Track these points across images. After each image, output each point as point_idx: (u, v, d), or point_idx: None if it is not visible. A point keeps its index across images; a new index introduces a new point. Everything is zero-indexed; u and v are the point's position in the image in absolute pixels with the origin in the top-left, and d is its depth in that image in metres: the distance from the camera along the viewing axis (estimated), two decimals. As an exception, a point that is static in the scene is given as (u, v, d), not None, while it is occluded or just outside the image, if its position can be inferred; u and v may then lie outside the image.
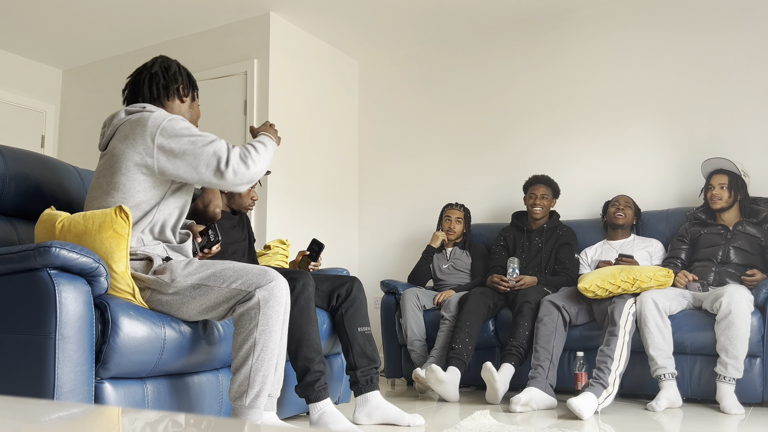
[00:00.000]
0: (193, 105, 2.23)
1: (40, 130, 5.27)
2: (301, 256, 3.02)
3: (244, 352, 1.87)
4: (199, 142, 1.96)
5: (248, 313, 1.88)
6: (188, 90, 2.20)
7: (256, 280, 1.89)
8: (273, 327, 1.88)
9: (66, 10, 4.40)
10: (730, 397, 2.84)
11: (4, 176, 2.20)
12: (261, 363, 1.87)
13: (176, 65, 2.20)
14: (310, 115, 4.70)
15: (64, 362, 1.65)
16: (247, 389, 1.87)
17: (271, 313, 1.88)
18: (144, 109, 2.05)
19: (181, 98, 2.18)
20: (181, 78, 2.17)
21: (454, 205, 4.18)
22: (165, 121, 1.96)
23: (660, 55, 4.14)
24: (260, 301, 1.87)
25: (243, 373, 1.87)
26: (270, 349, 1.88)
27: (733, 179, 3.39)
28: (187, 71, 2.23)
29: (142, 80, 2.14)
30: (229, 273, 1.92)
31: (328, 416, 2.29)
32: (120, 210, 1.86)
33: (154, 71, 2.14)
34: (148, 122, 1.96)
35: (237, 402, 1.89)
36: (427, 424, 2.58)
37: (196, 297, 1.91)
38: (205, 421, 0.75)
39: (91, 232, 1.85)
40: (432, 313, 3.74)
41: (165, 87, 2.14)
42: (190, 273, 1.93)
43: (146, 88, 2.13)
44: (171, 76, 2.15)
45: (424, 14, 4.46)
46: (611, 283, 3.10)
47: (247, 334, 1.87)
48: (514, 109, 4.60)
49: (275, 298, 1.89)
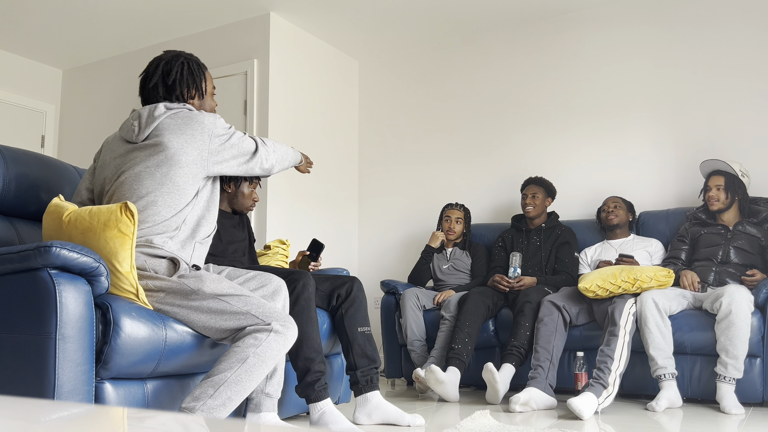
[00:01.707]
0: (204, 101, 2.22)
1: (40, 130, 5.27)
2: (301, 256, 3.02)
3: (228, 362, 1.82)
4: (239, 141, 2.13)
5: (256, 335, 1.85)
6: (193, 90, 2.18)
7: (276, 316, 1.90)
8: (268, 361, 1.85)
9: (66, 10, 4.40)
10: (730, 397, 2.84)
11: (4, 176, 2.20)
12: (236, 384, 1.80)
13: (179, 68, 2.16)
14: (310, 115, 4.70)
15: (65, 362, 1.65)
16: (207, 398, 1.78)
17: (275, 345, 1.86)
18: (183, 106, 2.10)
19: (186, 100, 2.18)
20: (182, 82, 2.15)
21: (454, 205, 4.18)
22: (215, 122, 2.08)
23: (660, 55, 4.14)
24: (273, 331, 1.86)
25: (215, 381, 1.80)
26: (254, 379, 1.83)
27: (729, 180, 3.39)
28: (192, 68, 2.19)
29: (147, 92, 2.16)
30: (253, 300, 1.92)
31: (329, 416, 2.29)
32: (125, 208, 1.85)
33: (153, 84, 2.14)
34: (205, 122, 2.05)
35: (187, 403, 1.80)
36: (427, 424, 2.58)
37: (211, 310, 1.90)
38: (205, 421, 0.75)
39: (96, 230, 1.84)
40: (432, 313, 3.74)
41: (165, 98, 2.14)
42: (218, 287, 1.92)
43: (153, 97, 2.15)
44: (171, 85, 2.14)
45: (424, 14, 4.46)
46: (612, 283, 3.10)
47: (243, 350, 1.83)
48: (514, 109, 4.60)
49: (286, 338, 1.88)
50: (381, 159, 5.09)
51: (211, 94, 2.25)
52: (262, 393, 2.13)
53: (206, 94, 2.23)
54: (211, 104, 2.25)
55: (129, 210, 1.85)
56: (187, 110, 2.08)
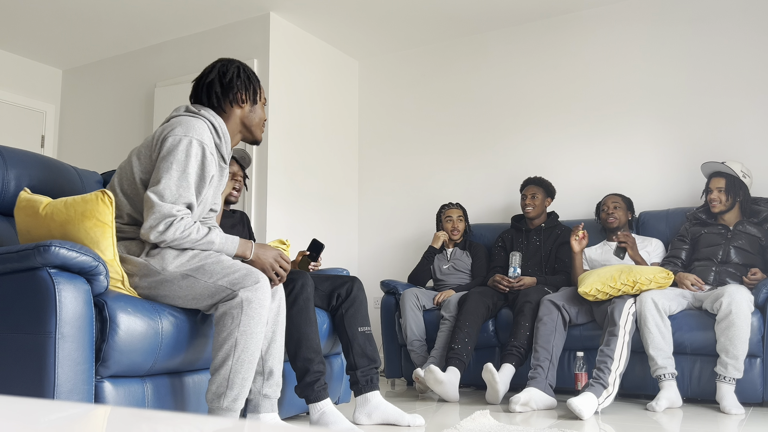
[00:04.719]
0: (255, 108, 2.21)
1: (40, 130, 5.27)
2: (301, 256, 3.02)
3: (224, 352, 1.87)
4: (177, 182, 1.96)
5: (230, 312, 1.88)
6: (247, 95, 2.18)
7: (242, 280, 1.89)
8: (254, 329, 1.88)
9: (66, 10, 4.40)
10: (730, 397, 2.84)
11: (4, 176, 2.20)
12: (241, 365, 1.86)
13: (235, 70, 2.18)
14: (310, 115, 4.70)
15: (64, 361, 1.65)
16: (225, 391, 1.86)
17: (253, 314, 1.87)
18: (193, 113, 2.09)
19: (240, 104, 2.17)
20: (239, 84, 2.16)
21: (452, 205, 4.19)
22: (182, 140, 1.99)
23: (660, 55, 4.14)
24: (243, 301, 1.87)
25: (222, 374, 1.86)
26: (250, 351, 1.88)
27: (730, 182, 3.40)
28: (248, 74, 2.21)
29: (200, 88, 2.17)
30: (217, 268, 1.92)
31: (328, 416, 2.29)
32: (103, 194, 1.87)
33: (210, 80, 2.15)
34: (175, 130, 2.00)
35: (214, 404, 1.87)
36: (427, 424, 2.58)
37: (183, 287, 1.93)
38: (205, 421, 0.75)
39: (74, 221, 1.85)
40: (432, 313, 3.74)
41: (224, 95, 2.15)
42: (182, 263, 1.94)
43: (205, 97, 2.16)
44: (227, 83, 2.15)
45: (424, 14, 4.46)
46: (611, 286, 3.10)
47: (228, 333, 1.87)
48: (514, 109, 4.60)
49: (258, 300, 1.88)
50: (381, 159, 5.09)
51: (262, 104, 2.25)
52: (260, 394, 2.13)
53: (259, 102, 2.23)
54: (261, 115, 2.24)
55: (107, 196, 1.88)
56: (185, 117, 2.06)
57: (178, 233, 1.93)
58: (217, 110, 2.16)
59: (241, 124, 2.20)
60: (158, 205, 1.91)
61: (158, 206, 1.91)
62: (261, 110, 2.24)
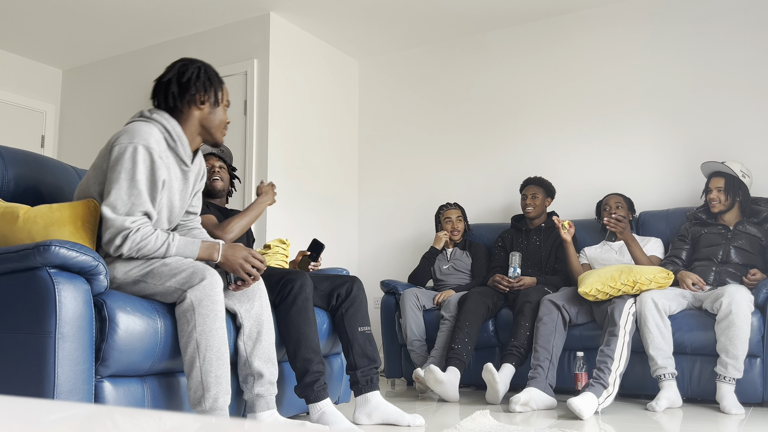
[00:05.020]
0: (215, 110, 2.16)
1: (40, 130, 5.27)
2: (301, 255, 3.02)
3: (190, 355, 1.87)
4: (128, 191, 1.93)
5: (184, 316, 1.88)
6: (206, 96, 2.14)
7: (188, 279, 1.89)
8: (212, 325, 1.88)
9: (66, 10, 4.40)
10: (730, 397, 2.84)
11: (3, 176, 2.19)
12: (210, 364, 1.86)
13: (195, 70, 2.14)
14: (310, 115, 4.70)
15: (64, 361, 1.65)
16: (203, 393, 1.86)
17: (207, 312, 1.87)
18: (146, 118, 2.06)
19: (198, 105, 2.13)
20: (198, 85, 2.12)
21: (450, 205, 4.19)
22: (127, 147, 1.95)
23: (660, 55, 4.14)
24: (193, 302, 1.87)
25: (194, 378, 1.86)
26: (215, 348, 1.88)
27: (729, 182, 3.39)
28: (209, 75, 2.16)
29: (158, 87, 2.13)
30: (165, 271, 1.93)
31: (328, 416, 2.29)
32: (90, 203, 1.93)
33: (168, 79, 2.12)
34: (120, 138, 1.97)
35: (197, 408, 1.87)
36: (427, 424, 2.58)
37: (136, 293, 1.96)
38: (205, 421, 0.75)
39: (60, 223, 1.87)
40: (432, 313, 3.74)
41: (180, 96, 2.11)
42: (129, 269, 1.96)
43: (162, 97, 2.12)
44: (185, 83, 2.11)
45: (424, 14, 4.46)
46: (611, 287, 3.10)
47: (188, 337, 1.87)
48: (514, 109, 4.60)
49: (209, 296, 1.88)
50: (381, 159, 5.09)
51: (224, 106, 2.21)
52: (253, 394, 2.13)
53: (220, 103, 2.18)
54: (222, 117, 2.19)
55: (93, 206, 1.92)
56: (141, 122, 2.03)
57: (135, 245, 1.92)
58: (174, 111, 2.11)
59: (200, 126, 2.15)
60: (112, 219, 1.90)
61: (112, 220, 1.90)
62: (222, 112, 2.19)
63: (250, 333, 2.14)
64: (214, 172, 2.94)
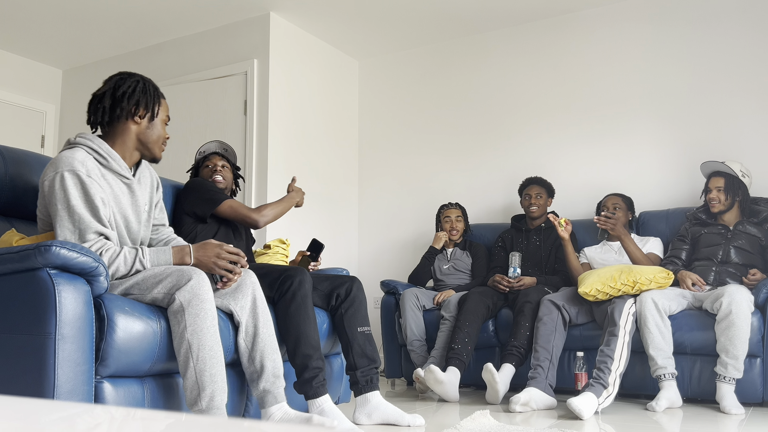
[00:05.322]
0: (153, 124, 2.11)
1: (40, 130, 5.27)
2: (301, 255, 3.02)
3: (183, 356, 1.88)
4: (70, 221, 1.90)
5: (175, 317, 1.89)
6: (141, 110, 2.09)
7: (176, 282, 1.90)
8: (203, 324, 1.88)
9: (66, 10, 4.40)
10: (730, 397, 2.84)
11: (3, 176, 2.20)
12: (204, 364, 1.87)
13: (133, 83, 2.09)
14: (310, 115, 4.70)
15: (64, 362, 1.65)
16: (199, 393, 1.86)
17: (197, 311, 1.87)
18: (71, 145, 2.02)
19: (134, 119, 2.08)
20: (133, 99, 2.07)
21: (451, 205, 4.19)
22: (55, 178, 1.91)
23: (660, 55, 4.14)
24: (182, 303, 1.87)
25: (190, 378, 1.87)
26: (208, 347, 1.88)
27: (729, 182, 3.39)
28: (147, 88, 2.10)
29: (93, 102, 2.08)
30: (150, 279, 1.93)
31: (327, 414, 2.29)
32: None
33: (101, 92, 2.07)
34: (46, 171, 1.94)
35: (194, 407, 1.88)
36: (427, 424, 2.58)
37: (136, 300, 1.96)
38: (205, 421, 0.75)
39: None
40: (432, 313, 3.74)
41: (111, 109, 2.06)
42: (116, 284, 1.96)
43: (95, 113, 2.07)
44: (119, 97, 2.06)
45: (424, 14, 4.46)
46: (611, 287, 3.10)
47: (180, 338, 1.88)
48: (514, 109, 4.60)
49: (197, 296, 1.88)
50: (381, 159, 5.09)
51: (163, 122, 2.15)
52: (260, 390, 2.13)
53: (157, 118, 2.12)
54: (161, 133, 2.14)
55: None
56: (65, 150, 2.00)
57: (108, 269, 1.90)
58: (109, 126, 2.07)
59: (137, 141, 2.10)
60: None
61: None
62: (161, 127, 2.14)
63: (247, 328, 2.14)
64: (216, 170, 2.95)
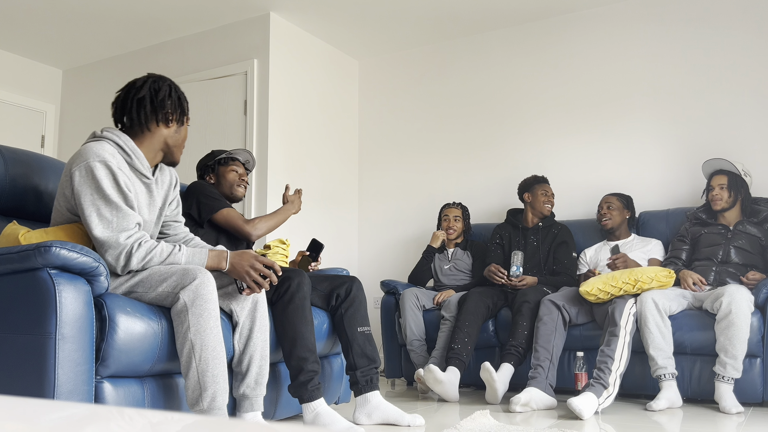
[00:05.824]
0: (180, 129, 2.14)
1: (40, 130, 5.27)
2: (301, 255, 3.02)
3: (186, 356, 1.87)
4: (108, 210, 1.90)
5: (178, 316, 1.89)
6: (176, 115, 2.11)
7: (180, 281, 1.90)
8: (206, 325, 1.88)
9: (66, 10, 4.40)
10: (729, 397, 2.84)
11: (3, 176, 2.19)
12: (206, 364, 1.86)
13: (167, 88, 2.10)
14: (310, 115, 4.70)
15: (65, 362, 1.65)
16: (201, 393, 1.86)
17: (200, 311, 1.87)
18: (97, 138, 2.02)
19: (167, 124, 2.10)
20: (170, 103, 2.09)
21: (452, 205, 4.19)
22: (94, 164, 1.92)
23: (660, 55, 4.14)
24: (186, 302, 1.87)
25: (192, 378, 1.87)
26: (210, 347, 1.88)
27: (732, 179, 3.39)
28: (179, 93, 2.14)
29: (130, 102, 2.07)
30: (155, 277, 1.93)
31: (323, 417, 2.28)
32: (80, 225, 1.97)
33: (142, 96, 2.07)
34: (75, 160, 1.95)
35: (195, 408, 1.88)
36: (427, 424, 2.58)
37: (140, 300, 1.96)
38: (204, 421, 0.75)
39: None
40: (432, 313, 3.74)
41: (152, 113, 2.07)
42: (120, 283, 1.96)
43: (134, 113, 2.06)
44: (159, 101, 2.07)
45: (424, 14, 4.46)
46: (613, 286, 3.10)
47: (183, 337, 1.88)
48: (514, 108, 4.60)
49: (201, 296, 1.88)
50: (381, 159, 5.09)
51: (187, 125, 2.18)
52: (238, 393, 2.13)
53: (186, 123, 2.16)
54: (185, 135, 2.17)
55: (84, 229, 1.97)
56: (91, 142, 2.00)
57: (141, 260, 1.92)
58: (141, 127, 2.07)
59: (164, 144, 2.11)
60: (107, 243, 1.89)
61: (107, 244, 1.89)
62: (185, 131, 2.17)
63: (243, 329, 2.15)
64: (243, 181, 2.96)
